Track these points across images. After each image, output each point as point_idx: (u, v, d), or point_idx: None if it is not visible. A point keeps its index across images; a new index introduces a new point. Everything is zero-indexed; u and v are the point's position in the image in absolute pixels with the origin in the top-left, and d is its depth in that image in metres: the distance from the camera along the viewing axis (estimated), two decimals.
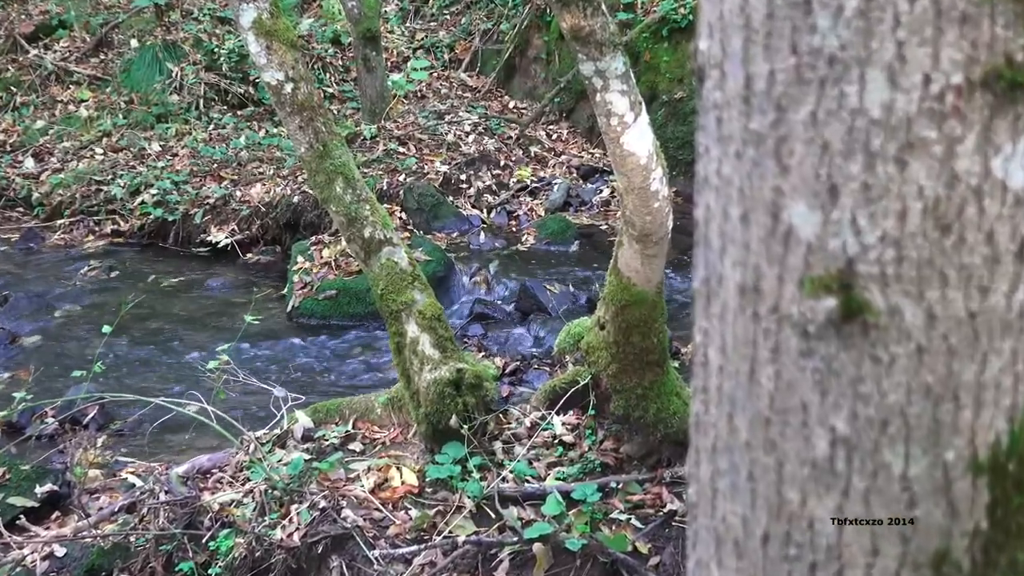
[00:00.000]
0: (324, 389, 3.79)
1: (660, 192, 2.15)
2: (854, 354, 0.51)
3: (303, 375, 3.95)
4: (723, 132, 0.55)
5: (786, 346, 0.54)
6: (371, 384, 3.81)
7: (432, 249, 4.78)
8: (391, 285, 2.64)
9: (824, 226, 0.51)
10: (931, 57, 0.47)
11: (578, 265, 4.97)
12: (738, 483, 0.57)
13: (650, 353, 2.56)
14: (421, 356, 2.62)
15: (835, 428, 0.53)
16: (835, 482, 0.53)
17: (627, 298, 2.49)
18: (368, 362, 4.07)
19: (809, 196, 0.51)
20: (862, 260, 0.50)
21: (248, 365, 3.89)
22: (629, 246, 2.38)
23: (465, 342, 4.07)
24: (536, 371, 3.65)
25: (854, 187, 0.50)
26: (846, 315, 0.51)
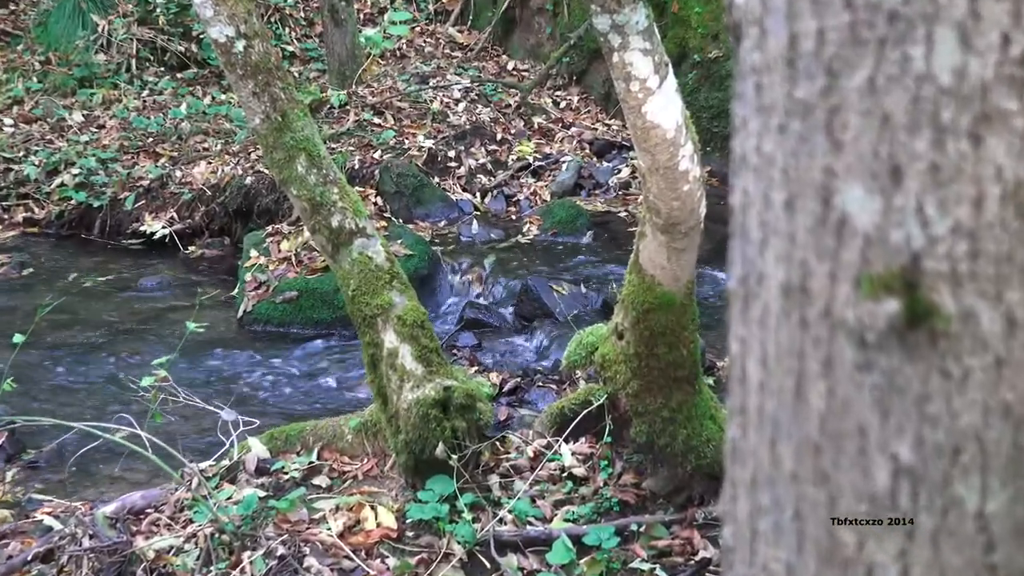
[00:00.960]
0: (283, 411, 3.80)
1: (690, 172, 2.17)
2: (920, 367, 0.52)
3: (257, 394, 3.96)
4: (763, 101, 0.56)
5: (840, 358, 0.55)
6: (340, 405, 3.82)
7: (414, 241, 4.79)
8: (364, 285, 2.65)
9: (884, 214, 0.52)
10: (1011, 14, 0.48)
11: (591, 261, 4.99)
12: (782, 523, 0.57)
13: (678, 368, 2.57)
14: (401, 371, 2.63)
15: (898, 456, 0.53)
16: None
17: (651, 301, 2.50)
18: (336, 378, 4.08)
19: (866, 178, 0.52)
20: (929, 255, 0.51)
21: (191, 382, 3.90)
22: (653, 238, 2.39)
23: (454, 354, 4.09)
24: (540, 389, 3.66)
25: (920, 168, 0.50)
26: (911, 321, 0.51)
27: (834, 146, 0.52)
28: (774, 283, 0.57)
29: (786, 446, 0.58)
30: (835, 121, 0.52)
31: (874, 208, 0.52)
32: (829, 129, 0.52)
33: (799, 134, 0.54)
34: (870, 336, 0.53)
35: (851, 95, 0.51)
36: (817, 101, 0.53)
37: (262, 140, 2.58)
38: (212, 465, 2.83)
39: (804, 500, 0.57)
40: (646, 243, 2.43)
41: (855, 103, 0.51)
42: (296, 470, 2.78)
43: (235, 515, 2.49)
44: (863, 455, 0.55)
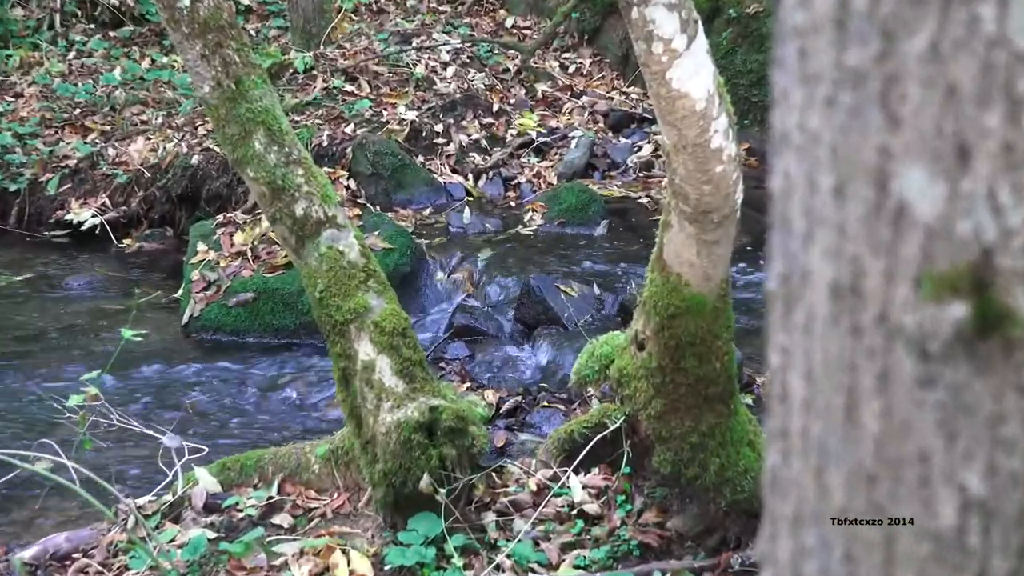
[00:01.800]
0: (237, 436, 3.81)
1: (724, 150, 2.18)
2: (992, 382, 0.52)
3: (206, 416, 3.97)
4: (808, 69, 0.56)
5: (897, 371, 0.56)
6: (305, 429, 3.84)
7: (394, 233, 4.81)
8: (335, 285, 2.66)
9: (949, 202, 0.52)
10: None
11: (606, 256, 5.02)
12: (830, 566, 0.58)
13: (710, 384, 2.59)
14: (378, 388, 2.64)
15: (966, 487, 0.54)
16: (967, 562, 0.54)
17: (677, 304, 2.51)
18: (301, 397, 4.10)
19: (928, 160, 0.53)
20: (1003, 250, 0.51)
21: (126, 401, 3.90)
22: (680, 229, 2.40)
23: (442, 368, 4.10)
24: (545, 410, 3.68)
25: (991, 147, 0.51)
26: (981, 327, 0.52)
27: (890, 122, 0.53)
28: (821, 283, 0.57)
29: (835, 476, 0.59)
30: (892, 92, 0.53)
31: (937, 194, 0.52)
32: (885, 102, 0.53)
33: (850, 107, 0.54)
34: (933, 346, 0.54)
35: (910, 62, 0.52)
36: (871, 69, 0.53)
37: (212, 112, 2.59)
38: (152, 501, 2.83)
39: (856, 540, 0.57)
40: (671, 235, 2.44)
41: (915, 71, 0.52)
42: (253, 507, 2.78)
43: (180, 561, 2.50)
44: (925, 486, 0.55)
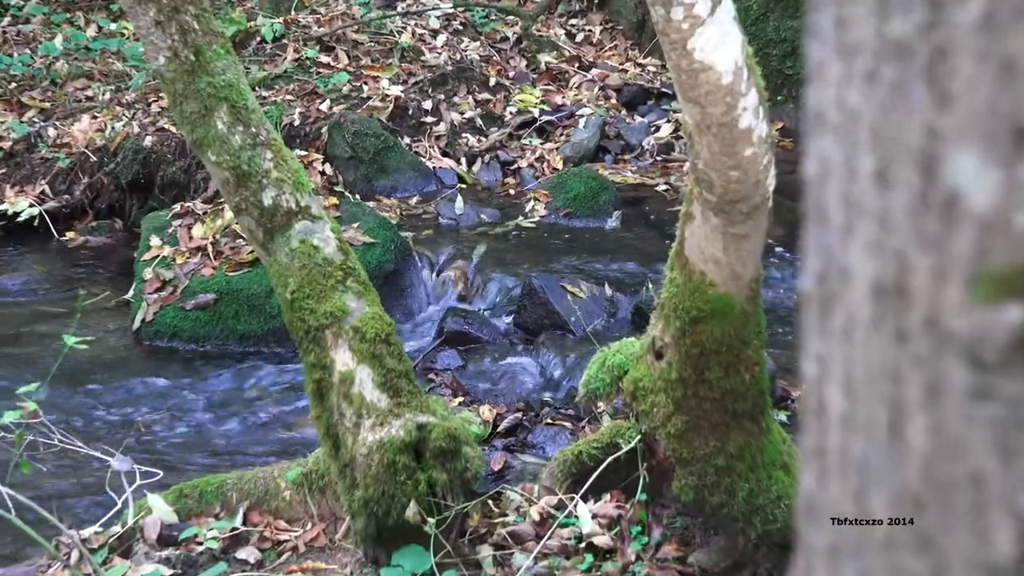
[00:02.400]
0: (195, 458, 3.82)
1: (753, 130, 2.19)
2: None
3: (161, 435, 3.97)
4: (846, 39, 0.57)
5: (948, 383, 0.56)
6: (274, 450, 3.84)
7: (377, 225, 4.83)
8: (309, 285, 2.66)
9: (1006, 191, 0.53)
10: None
11: (619, 252, 5.02)
12: None
13: (738, 398, 2.59)
14: (358, 403, 2.65)
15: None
16: None
17: (701, 306, 2.52)
18: (269, 413, 4.10)
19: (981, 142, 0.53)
20: None
21: (70, 418, 3.91)
22: (704, 220, 2.41)
23: (431, 380, 4.11)
24: (549, 428, 3.68)
25: None
26: None
27: (939, 100, 0.54)
28: (861, 282, 0.58)
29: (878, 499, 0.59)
30: (940, 67, 0.54)
31: (992, 182, 0.53)
32: (932, 77, 0.54)
33: (893, 83, 0.55)
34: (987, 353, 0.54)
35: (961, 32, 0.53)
36: (916, 40, 0.54)
37: (168, 87, 2.59)
38: (99, 532, 2.84)
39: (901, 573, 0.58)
40: (694, 228, 2.45)
41: (967, 43, 0.53)
42: (214, 539, 2.79)
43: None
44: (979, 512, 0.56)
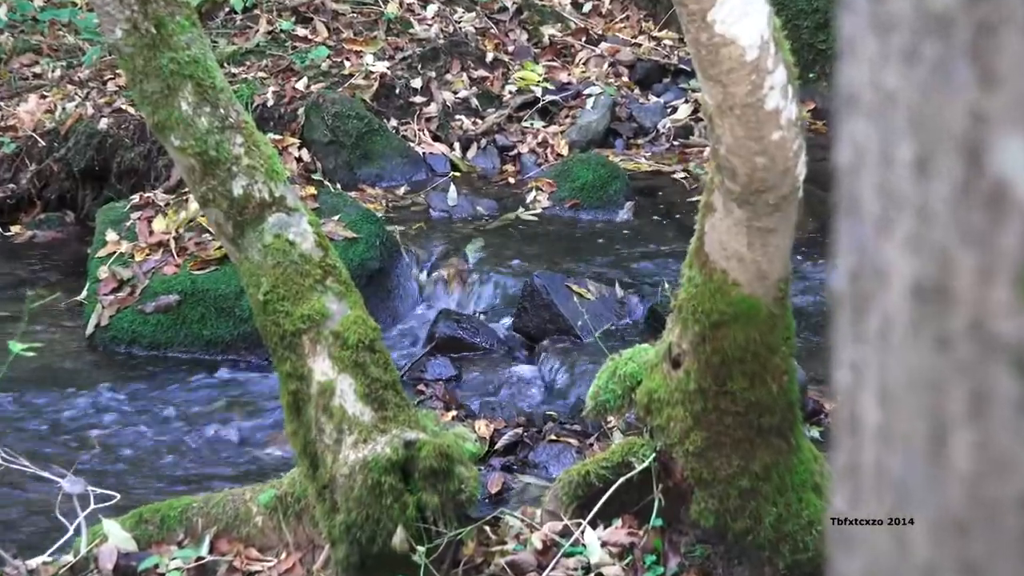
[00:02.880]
0: (156, 479, 3.81)
1: (782, 112, 2.19)
2: None
3: (118, 453, 3.97)
4: (882, 13, 0.57)
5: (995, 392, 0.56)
6: (244, 470, 3.84)
7: (360, 218, 4.82)
8: (284, 285, 2.67)
9: None
10: None
11: (632, 248, 5.01)
12: None
13: (765, 412, 2.60)
14: (339, 417, 2.65)
15: None
16: None
17: (723, 309, 2.52)
18: (239, 428, 4.10)
19: None
20: None
21: (16, 434, 3.90)
22: (727, 213, 2.42)
23: (421, 392, 4.11)
24: (553, 445, 3.68)
25: None
26: None
27: (984, 80, 0.54)
28: (899, 281, 0.58)
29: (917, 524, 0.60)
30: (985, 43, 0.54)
31: None
32: (976, 55, 0.54)
33: (933, 62, 0.55)
34: None
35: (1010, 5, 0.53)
36: (959, 14, 0.54)
37: (126, 63, 2.60)
38: (48, 563, 2.84)
39: None
40: (715, 221, 2.46)
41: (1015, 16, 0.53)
42: (178, 569, 2.79)
43: None
44: None
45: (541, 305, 4.39)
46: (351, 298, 2.72)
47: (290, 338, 2.67)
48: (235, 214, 2.65)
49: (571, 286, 4.47)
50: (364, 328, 2.68)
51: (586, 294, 4.46)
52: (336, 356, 2.64)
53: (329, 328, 2.66)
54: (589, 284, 4.53)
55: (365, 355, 2.66)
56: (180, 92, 2.58)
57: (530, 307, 4.41)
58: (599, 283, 4.56)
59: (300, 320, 2.66)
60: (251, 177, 2.65)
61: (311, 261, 2.68)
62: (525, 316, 4.43)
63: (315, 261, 2.69)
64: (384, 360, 2.70)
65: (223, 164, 2.62)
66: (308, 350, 2.67)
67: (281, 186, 2.69)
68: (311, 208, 4.27)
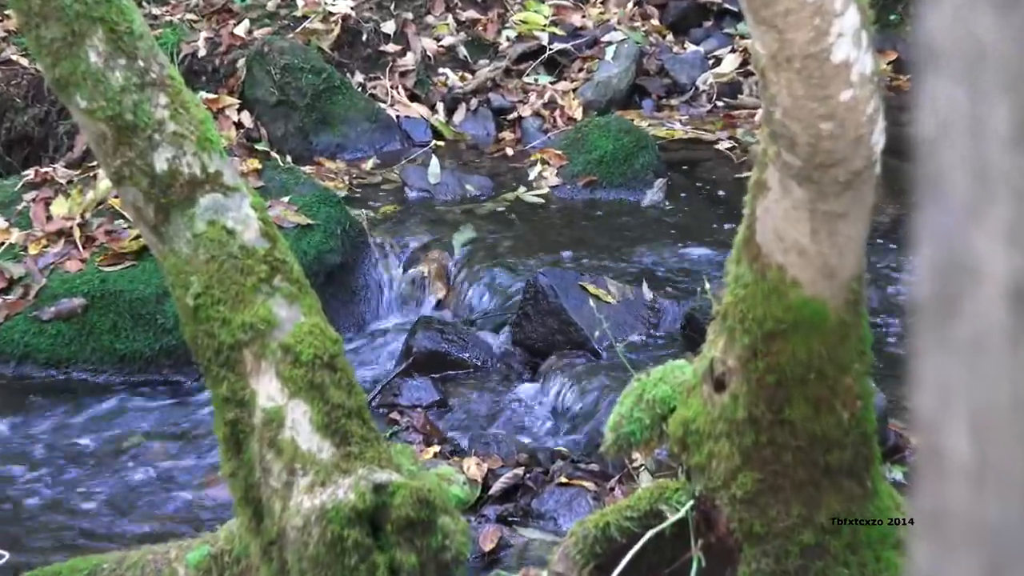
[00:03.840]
0: (57, 532, 3.80)
1: (853, 65, 2.20)
2: None
3: (8, 497, 3.96)
4: None
5: None
6: (168, 521, 3.84)
7: (317, 199, 4.84)
8: (220, 286, 2.67)
9: None
10: None
11: (663, 237, 5.03)
12: None
13: (834, 447, 2.61)
14: (291, 455, 2.65)
15: None
16: None
17: (779, 316, 2.53)
18: (161, 468, 4.09)
19: None
20: None
21: None
22: (784, 193, 2.43)
23: (394, 421, 4.13)
24: (563, 490, 3.68)
25: None
26: None
27: None
28: (994, 281, 0.59)
29: None
30: None
31: None
32: None
33: None
34: None
35: None
36: None
37: (18, 2, 2.60)
38: None
39: None
40: (769, 203, 2.47)
41: None
42: None
43: None
44: None
45: (548, 311, 4.39)
46: (305, 302, 2.73)
47: (228, 353, 2.68)
48: (158, 195, 2.66)
49: (586, 286, 4.47)
50: (322, 340, 2.69)
51: (605, 296, 4.46)
52: (286, 376, 2.65)
53: (277, 340, 2.67)
54: (609, 284, 4.53)
55: (323, 374, 2.67)
56: (88, 39, 2.58)
57: (533, 313, 4.41)
58: (622, 283, 4.56)
59: (240, 330, 2.66)
60: (178, 147, 2.65)
61: (254, 255, 2.69)
62: (527, 325, 4.43)
63: (259, 255, 2.69)
64: (347, 381, 2.70)
65: (142, 131, 2.62)
66: (251, 368, 2.67)
67: (216, 159, 2.70)
68: (254, 187, 4.26)
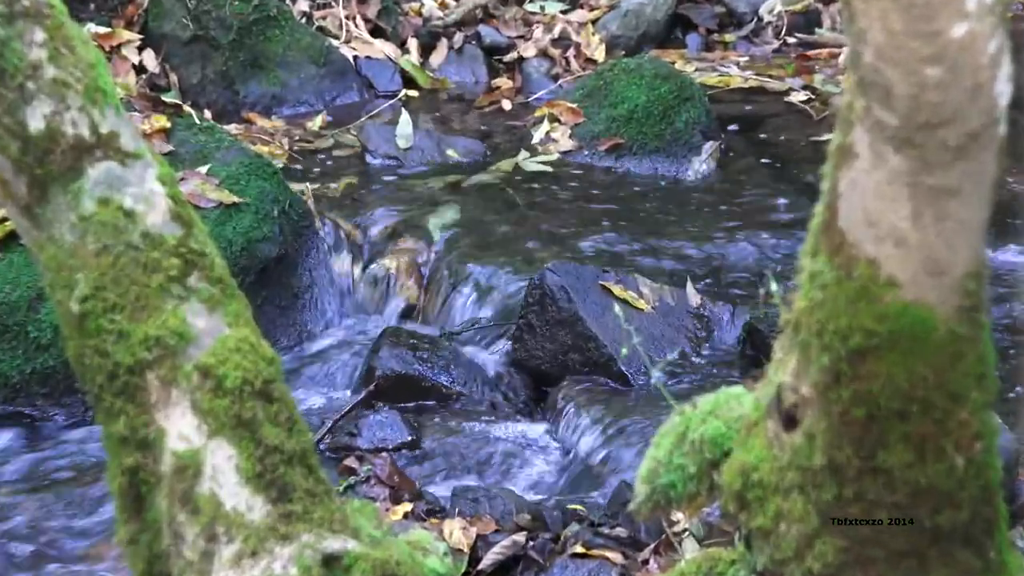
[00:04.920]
0: None
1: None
2: None
3: None
4: None
5: None
6: None
7: (246, 169, 4.86)
8: (116, 286, 2.67)
9: None
10: None
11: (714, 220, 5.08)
12: None
13: (944, 504, 2.61)
14: (211, 514, 2.66)
15: None
16: None
17: (870, 327, 2.54)
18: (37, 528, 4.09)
19: None
20: None
21: None
22: (876, 163, 2.43)
23: (351, 469, 4.10)
24: (579, 562, 3.66)
25: None
26: None
27: None
28: None
29: None
30: None
31: None
32: None
33: None
34: None
35: None
36: None
37: None
38: None
39: None
40: (857, 176, 2.48)
41: None
42: None
43: None
44: None
45: (558, 320, 4.39)
46: (230, 308, 2.74)
47: (126, 377, 2.69)
48: (31, 164, 2.67)
49: (610, 287, 4.46)
50: (253, 360, 2.70)
51: (635, 301, 4.46)
52: (205, 408, 2.66)
53: (193, 360, 2.68)
54: (641, 284, 4.52)
55: (255, 406, 2.68)
56: None
57: (539, 324, 4.41)
58: (658, 282, 4.56)
59: (143, 346, 2.67)
60: (59, 100, 2.66)
61: (162, 245, 2.70)
62: (530, 339, 4.43)
63: (168, 245, 2.70)
64: (287, 415, 2.71)
65: (11, 78, 2.63)
66: (156, 398, 2.69)
67: (111, 115, 2.71)
68: (162, 153, 4.24)
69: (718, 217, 5.04)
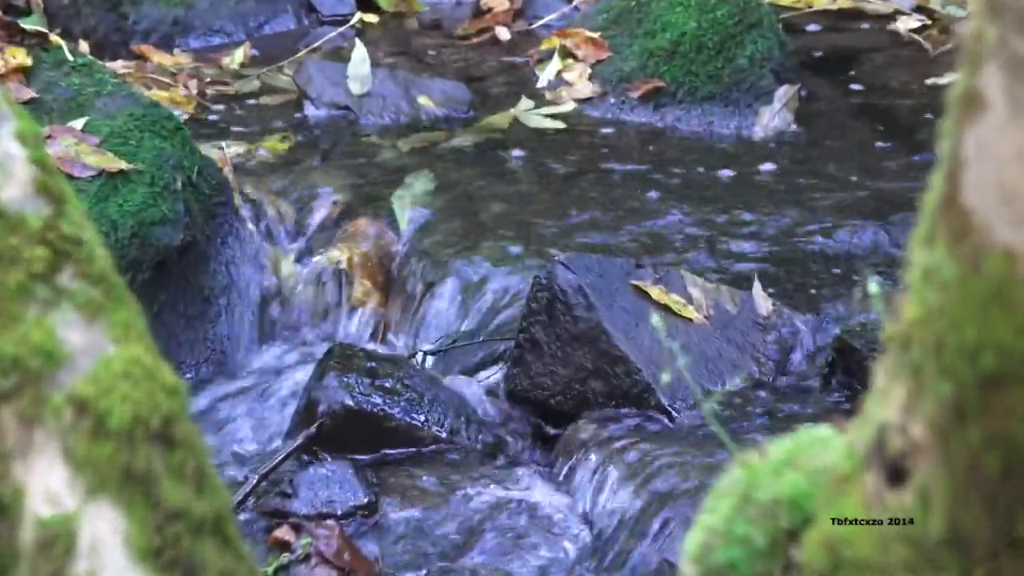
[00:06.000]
0: None
1: None
2: None
3: None
4: None
5: None
6: None
7: (138, 124, 4.91)
8: None
9: None
10: None
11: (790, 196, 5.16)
12: None
13: None
14: None
15: None
16: None
17: (1007, 343, 2.55)
18: None
19: None
20: None
21: None
22: (1014, 114, 2.44)
23: (284, 542, 4.11)
24: None
25: None
26: None
27: None
28: None
29: None
30: None
31: None
32: None
33: None
34: None
35: None
36: None
37: None
38: None
39: None
40: (988, 133, 2.49)
41: None
42: None
43: None
44: None
45: (573, 334, 4.41)
46: (116, 317, 2.74)
47: None
48: None
49: (645, 288, 4.49)
50: (148, 389, 2.71)
51: (682, 308, 4.48)
52: (82, 456, 2.67)
53: (65, 390, 2.68)
54: (690, 284, 4.55)
55: (150, 454, 2.69)
56: None
57: (546, 339, 4.43)
58: (712, 282, 4.59)
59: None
60: None
61: (21, 228, 2.70)
62: (534, 360, 4.45)
63: (32, 229, 2.71)
64: (195, 466, 2.72)
65: None
66: (13, 442, 2.70)
67: None
68: (21, 101, 4.23)
69: (796, 192, 5.05)
